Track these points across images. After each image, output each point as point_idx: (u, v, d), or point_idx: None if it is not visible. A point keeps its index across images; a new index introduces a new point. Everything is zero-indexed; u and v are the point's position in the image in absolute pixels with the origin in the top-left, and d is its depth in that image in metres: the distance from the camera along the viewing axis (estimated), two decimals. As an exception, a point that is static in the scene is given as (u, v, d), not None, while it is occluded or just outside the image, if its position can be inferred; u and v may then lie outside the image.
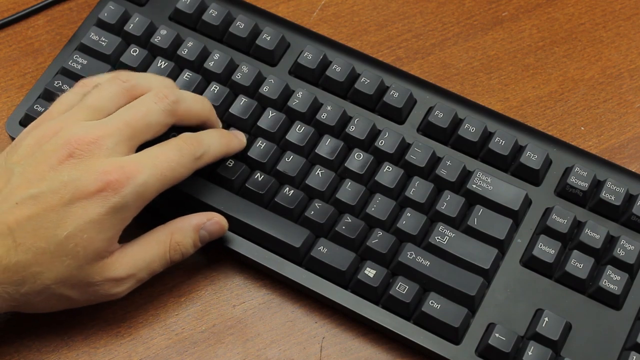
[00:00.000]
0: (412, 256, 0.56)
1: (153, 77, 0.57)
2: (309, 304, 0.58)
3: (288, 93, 0.62)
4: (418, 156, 0.59)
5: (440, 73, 0.66)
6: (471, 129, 0.60)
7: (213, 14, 0.64)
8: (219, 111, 0.61)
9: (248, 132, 0.61)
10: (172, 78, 0.61)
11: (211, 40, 0.65)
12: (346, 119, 0.61)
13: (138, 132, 0.54)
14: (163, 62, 0.63)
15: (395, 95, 0.61)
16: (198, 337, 0.57)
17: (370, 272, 0.56)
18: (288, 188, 0.58)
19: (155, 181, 0.53)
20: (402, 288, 0.55)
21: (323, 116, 0.60)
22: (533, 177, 0.59)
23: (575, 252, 0.56)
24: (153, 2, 0.66)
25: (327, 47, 0.64)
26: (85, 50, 0.64)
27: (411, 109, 0.61)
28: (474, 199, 0.58)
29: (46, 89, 0.62)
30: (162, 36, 0.64)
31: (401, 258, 0.56)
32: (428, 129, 0.60)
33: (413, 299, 0.55)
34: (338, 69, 0.62)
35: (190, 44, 0.63)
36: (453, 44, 0.68)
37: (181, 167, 0.54)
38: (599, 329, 0.54)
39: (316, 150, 0.59)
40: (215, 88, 0.62)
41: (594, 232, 0.56)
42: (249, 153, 0.59)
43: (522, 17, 0.69)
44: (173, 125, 0.56)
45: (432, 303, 0.55)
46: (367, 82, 0.61)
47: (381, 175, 0.58)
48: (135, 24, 0.64)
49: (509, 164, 0.59)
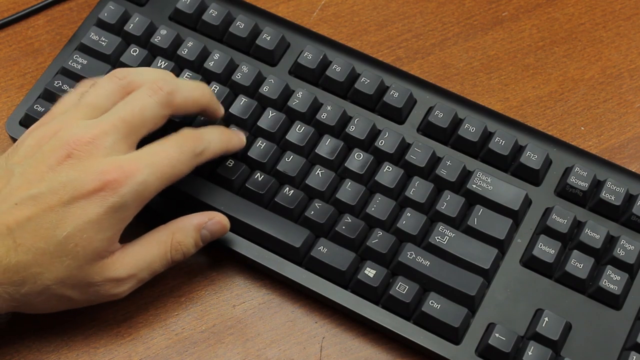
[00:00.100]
0: (412, 256, 0.56)
1: (148, 71, 0.57)
2: (309, 304, 0.58)
3: (288, 93, 0.62)
4: (418, 156, 0.59)
5: (440, 73, 0.66)
6: (471, 129, 0.60)
7: (213, 14, 0.64)
8: (219, 111, 0.61)
9: (248, 132, 0.61)
10: (172, 78, 0.61)
11: (211, 40, 0.65)
12: (346, 119, 0.61)
13: (135, 128, 0.53)
14: (163, 62, 0.63)
15: (395, 95, 0.61)
16: (198, 337, 0.57)
17: (370, 272, 0.56)
18: (288, 188, 0.58)
19: (154, 179, 0.52)
20: (402, 288, 0.55)
21: (323, 116, 0.60)
22: (533, 177, 0.59)
23: (575, 252, 0.56)
24: (153, 2, 0.66)
25: (327, 47, 0.63)
26: (85, 50, 0.64)
27: (411, 109, 0.61)
28: (474, 199, 0.58)
29: (46, 89, 0.62)
30: (162, 36, 0.64)
31: (401, 258, 0.56)
32: (428, 129, 0.60)
33: (413, 299, 0.55)
34: (338, 69, 0.62)
35: (190, 44, 0.63)
36: (453, 44, 0.68)
37: (181, 164, 0.54)
38: (599, 329, 0.54)
39: (316, 150, 0.59)
40: (215, 88, 0.62)
41: (594, 232, 0.56)
42: (249, 153, 0.59)
43: (522, 17, 0.69)
44: (173, 115, 0.55)
45: (432, 303, 0.54)
46: (367, 82, 0.61)
47: (381, 175, 0.58)
48: (135, 24, 0.64)
49: (509, 164, 0.59)
